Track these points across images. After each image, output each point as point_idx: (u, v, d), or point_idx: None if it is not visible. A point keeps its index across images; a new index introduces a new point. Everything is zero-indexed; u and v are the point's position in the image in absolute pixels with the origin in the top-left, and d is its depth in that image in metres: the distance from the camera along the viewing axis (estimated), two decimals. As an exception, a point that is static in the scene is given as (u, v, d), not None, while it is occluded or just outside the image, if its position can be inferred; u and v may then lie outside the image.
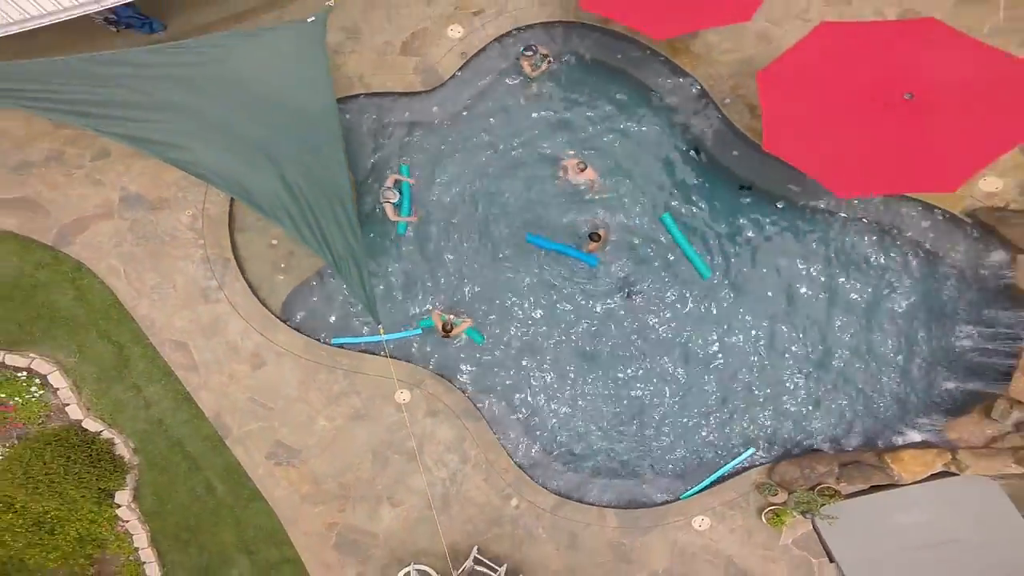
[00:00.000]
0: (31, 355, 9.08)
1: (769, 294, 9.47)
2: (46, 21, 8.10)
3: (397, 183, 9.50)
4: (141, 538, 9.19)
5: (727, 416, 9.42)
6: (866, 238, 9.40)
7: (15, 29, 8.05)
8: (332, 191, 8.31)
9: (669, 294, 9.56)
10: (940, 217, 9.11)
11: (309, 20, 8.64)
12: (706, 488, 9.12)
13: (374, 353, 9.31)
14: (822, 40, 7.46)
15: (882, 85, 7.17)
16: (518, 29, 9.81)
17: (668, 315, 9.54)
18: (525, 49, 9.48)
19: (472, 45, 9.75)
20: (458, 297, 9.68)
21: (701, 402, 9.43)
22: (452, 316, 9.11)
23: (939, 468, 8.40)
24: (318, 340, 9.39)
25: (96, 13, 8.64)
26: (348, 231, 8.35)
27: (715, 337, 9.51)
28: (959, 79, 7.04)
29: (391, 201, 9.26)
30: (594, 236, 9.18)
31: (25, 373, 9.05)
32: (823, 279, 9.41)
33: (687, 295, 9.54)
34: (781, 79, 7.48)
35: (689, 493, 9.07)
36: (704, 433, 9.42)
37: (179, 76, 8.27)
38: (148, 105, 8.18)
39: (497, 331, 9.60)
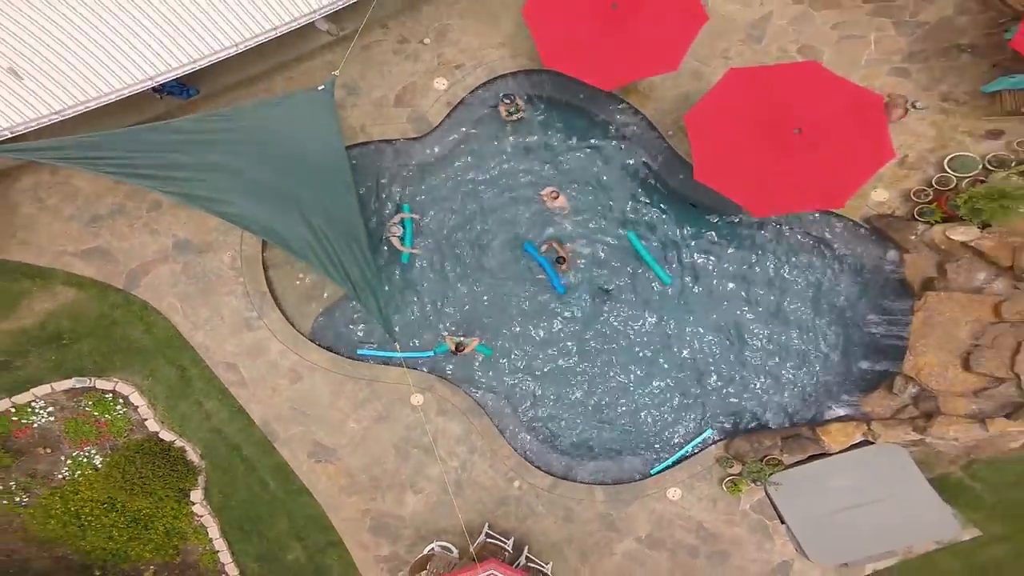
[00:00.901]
0: (114, 379, 10.37)
1: (719, 299, 10.52)
2: (113, 97, 9.08)
3: (402, 220, 10.53)
4: (213, 530, 10.49)
5: (689, 401, 10.44)
6: (793, 245, 10.41)
7: (92, 105, 9.09)
8: (348, 231, 9.41)
9: (636, 300, 10.57)
10: (851, 225, 10.12)
11: (320, 88, 9.69)
12: (673, 464, 10.20)
13: (391, 364, 10.45)
14: (731, 85, 8.50)
15: (777, 122, 8.26)
16: (495, 78, 10.72)
17: (636, 319, 10.57)
18: (503, 97, 10.49)
19: (456, 95, 10.67)
20: (459, 315, 10.70)
21: (668, 390, 10.47)
22: (462, 337, 10.18)
23: (859, 438, 9.41)
24: (343, 356, 10.52)
25: (146, 84, 9.73)
26: (364, 264, 9.47)
27: (676, 336, 10.53)
28: (833, 114, 8.15)
29: (396, 235, 10.39)
30: (560, 260, 10.23)
31: (111, 394, 10.39)
32: (761, 283, 10.44)
33: (651, 300, 10.56)
34: (703, 119, 8.57)
35: (658, 469, 10.21)
36: (671, 416, 10.47)
37: (221, 140, 9.27)
38: (197, 166, 9.12)
39: (492, 330, 10.66)
